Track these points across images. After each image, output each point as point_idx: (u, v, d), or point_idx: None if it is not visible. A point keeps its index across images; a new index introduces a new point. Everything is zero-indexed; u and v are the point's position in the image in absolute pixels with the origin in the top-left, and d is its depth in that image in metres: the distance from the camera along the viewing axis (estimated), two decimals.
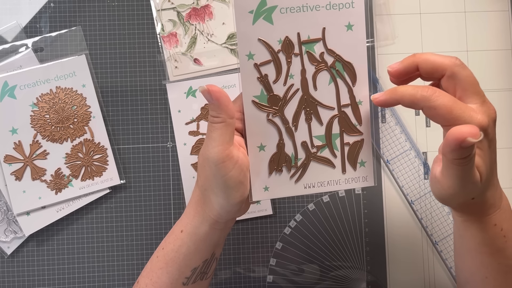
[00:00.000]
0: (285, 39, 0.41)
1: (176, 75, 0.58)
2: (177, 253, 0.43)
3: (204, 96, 0.39)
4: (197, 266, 0.43)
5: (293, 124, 0.42)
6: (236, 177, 0.39)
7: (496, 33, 0.62)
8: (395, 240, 0.60)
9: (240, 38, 0.40)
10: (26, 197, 0.56)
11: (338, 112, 0.42)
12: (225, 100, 0.39)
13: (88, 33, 0.59)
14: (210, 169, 0.39)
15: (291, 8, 0.40)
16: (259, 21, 0.40)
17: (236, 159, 0.39)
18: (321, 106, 0.42)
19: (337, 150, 0.43)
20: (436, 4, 0.62)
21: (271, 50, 0.41)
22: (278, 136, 0.42)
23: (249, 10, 0.40)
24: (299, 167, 0.43)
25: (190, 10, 0.59)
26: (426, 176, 0.60)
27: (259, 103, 0.41)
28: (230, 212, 0.41)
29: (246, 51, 0.40)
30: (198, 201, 0.42)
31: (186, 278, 0.43)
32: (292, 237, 0.59)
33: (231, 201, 0.40)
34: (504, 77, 0.62)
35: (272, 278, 0.59)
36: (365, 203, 0.60)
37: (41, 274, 0.57)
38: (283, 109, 0.42)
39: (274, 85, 0.41)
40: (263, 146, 0.42)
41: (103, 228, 0.58)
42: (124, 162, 0.58)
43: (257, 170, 0.42)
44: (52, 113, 0.56)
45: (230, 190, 0.39)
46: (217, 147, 0.38)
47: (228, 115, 0.39)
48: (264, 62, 0.41)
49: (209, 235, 0.42)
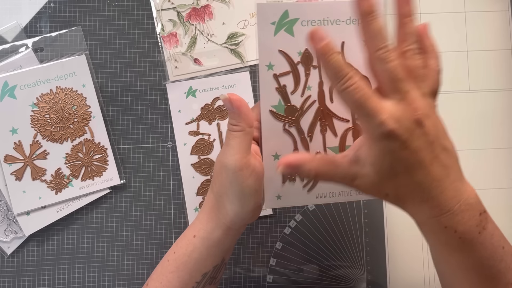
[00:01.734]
0: (304, 51, 0.41)
1: (176, 75, 0.58)
2: (189, 257, 0.43)
3: (225, 104, 0.40)
4: (208, 271, 0.43)
5: (308, 134, 0.43)
6: (252, 185, 0.40)
7: (496, 33, 0.62)
8: (395, 240, 0.60)
9: (261, 48, 0.41)
10: (26, 197, 0.56)
11: (352, 124, 0.43)
12: (246, 109, 0.40)
13: (88, 33, 0.59)
14: (227, 176, 0.40)
15: (312, 21, 0.41)
16: (280, 32, 0.40)
17: (253, 168, 0.40)
18: (336, 118, 0.43)
19: None
20: (436, 4, 0.62)
21: (290, 61, 0.41)
22: (293, 145, 0.43)
23: (271, 22, 0.40)
24: None
25: (190, 10, 0.59)
26: None
27: (277, 113, 0.42)
28: (244, 219, 0.42)
29: (267, 62, 0.41)
30: (212, 207, 0.43)
31: (196, 282, 0.43)
32: (292, 237, 0.59)
33: (245, 208, 0.41)
34: (504, 77, 0.62)
35: (272, 278, 0.59)
36: (365, 203, 0.60)
37: (41, 274, 0.57)
38: (299, 120, 0.42)
39: (292, 96, 0.42)
40: (278, 155, 0.42)
41: (103, 228, 0.58)
42: (124, 162, 0.58)
43: (271, 178, 0.42)
44: (52, 113, 0.56)
45: (245, 197, 0.40)
46: (235, 155, 0.39)
47: (248, 124, 0.40)
48: (283, 73, 0.41)
49: (221, 241, 0.42)
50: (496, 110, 0.62)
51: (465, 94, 0.62)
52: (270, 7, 0.40)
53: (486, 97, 0.62)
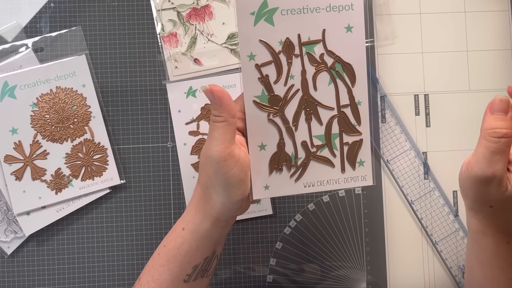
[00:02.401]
0: (285, 40, 0.41)
1: (176, 75, 0.58)
2: (179, 250, 0.43)
3: (206, 96, 0.40)
4: (198, 263, 0.43)
5: (293, 124, 0.43)
6: (237, 175, 0.40)
7: (496, 33, 0.62)
8: (395, 240, 0.60)
9: (242, 39, 0.41)
10: (26, 197, 0.56)
11: (337, 112, 0.43)
12: (227, 99, 0.40)
13: (88, 33, 0.59)
14: (211, 167, 0.40)
15: (291, 10, 0.41)
16: (260, 22, 0.40)
17: (238, 158, 0.40)
18: (321, 106, 0.43)
19: (336, 149, 0.43)
20: (436, 4, 0.62)
21: (272, 51, 0.41)
22: (279, 135, 0.42)
23: (250, 12, 0.40)
24: (299, 166, 0.43)
25: (190, 10, 0.59)
26: (426, 176, 0.60)
27: (260, 103, 0.42)
28: (231, 210, 0.42)
29: (248, 52, 0.41)
30: (200, 199, 0.43)
31: (187, 275, 0.43)
32: (292, 237, 0.59)
33: (232, 198, 0.41)
34: (504, 77, 0.62)
35: (272, 277, 0.59)
36: (365, 203, 0.60)
37: (41, 274, 0.57)
38: (283, 109, 0.42)
39: (275, 85, 0.42)
40: (264, 146, 0.42)
41: (103, 228, 0.58)
42: (124, 162, 0.58)
43: (257, 169, 0.42)
44: (52, 113, 0.56)
45: (231, 188, 0.40)
46: (219, 145, 0.39)
47: (230, 114, 0.40)
48: (265, 62, 0.41)
49: (210, 233, 0.43)
50: None
51: (465, 94, 0.62)
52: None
53: (486, 97, 0.62)
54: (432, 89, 0.61)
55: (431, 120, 0.61)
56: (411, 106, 0.61)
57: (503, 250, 0.39)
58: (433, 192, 0.60)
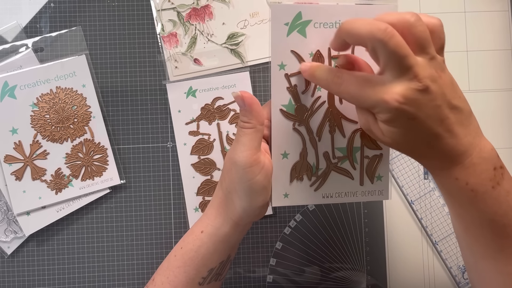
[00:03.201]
0: (316, 52, 0.42)
1: (176, 75, 0.58)
2: (196, 253, 0.43)
3: (237, 101, 0.41)
4: (214, 267, 0.44)
5: (317, 134, 0.43)
6: (261, 182, 0.40)
7: (496, 33, 0.62)
8: (395, 240, 0.60)
9: (274, 48, 0.41)
10: (26, 197, 0.56)
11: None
12: (257, 107, 0.40)
13: (88, 33, 0.59)
14: (237, 173, 0.40)
15: (324, 23, 0.41)
16: (293, 33, 0.41)
17: (263, 165, 0.40)
18: (345, 119, 0.43)
19: (356, 163, 0.44)
20: (436, 4, 0.62)
21: (302, 62, 0.42)
22: (302, 145, 0.43)
23: (284, 22, 0.41)
24: (319, 177, 0.44)
25: (190, 10, 0.59)
26: (426, 176, 0.60)
27: (287, 112, 0.43)
28: (251, 216, 0.42)
29: (279, 61, 0.41)
30: (221, 203, 0.43)
31: (202, 278, 0.44)
32: (292, 237, 0.59)
33: (254, 204, 0.41)
34: (504, 77, 0.62)
35: (272, 278, 0.59)
36: (365, 203, 0.60)
37: (41, 274, 0.57)
38: (308, 120, 0.43)
39: (302, 95, 0.43)
40: (287, 154, 0.43)
41: (103, 228, 0.58)
42: (124, 162, 0.58)
43: (279, 177, 0.43)
44: (52, 113, 0.56)
45: (254, 194, 0.41)
46: (245, 151, 0.40)
47: (259, 121, 0.40)
48: (294, 73, 0.42)
49: (228, 237, 0.43)
50: (496, 110, 0.62)
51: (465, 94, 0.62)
52: (284, 8, 0.40)
53: (486, 97, 0.62)
54: None
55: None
56: None
57: (454, 187, 0.37)
58: (433, 192, 0.60)
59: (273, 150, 0.43)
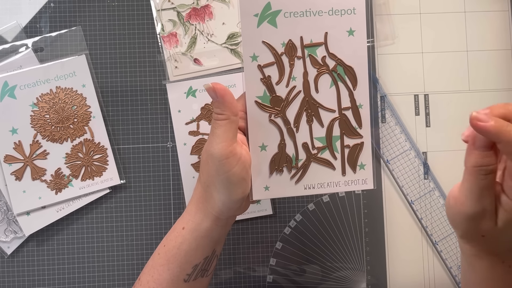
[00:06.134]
0: (288, 42, 0.42)
1: (176, 75, 0.58)
2: (179, 249, 0.43)
3: (209, 93, 0.40)
4: (198, 263, 0.44)
5: (295, 125, 0.43)
6: (239, 174, 0.40)
7: (496, 33, 0.62)
8: (395, 240, 0.60)
9: (245, 40, 0.41)
10: (26, 197, 0.56)
11: (339, 114, 0.43)
12: (230, 97, 0.40)
13: (88, 33, 0.59)
14: (213, 165, 0.40)
15: (295, 12, 0.41)
16: (263, 24, 0.41)
17: (239, 156, 0.40)
18: (322, 108, 0.43)
19: (337, 152, 0.44)
20: (436, 4, 0.62)
21: (274, 52, 0.42)
22: (280, 136, 0.43)
23: (254, 14, 0.41)
24: (299, 168, 0.43)
25: (190, 10, 0.59)
26: (426, 176, 0.60)
27: (262, 104, 0.42)
28: (231, 209, 0.42)
29: (250, 53, 0.41)
30: (200, 198, 0.43)
31: (187, 275, 0.43)
32: (292, 237, 0.59)
33: (233, 197, 0.41)
34: (504, 77, 0.62)
35: (272, 277, 0.59)
36: (365, 203, 0.60)
37: (41, 274, 0.57)
38: (285, 110, 0.42)
39: (277, 86, 0.42)
40: (265, 146, 0.43)
41: (103, 228, 0.58)
42: (124, 162, 0.58)
43: (258, 170, 0.42)
44: (52, 113, 0.56)
45: (232, 186, 0.40)
46: (221, 143, 0.39)
47: (232, 112, 0.40)
48: (267, 64, 0.42)
49: (210, 232, 0.43)
50: None
51: (465, 94, 0.62)
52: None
53: (486, 97, 0.62)
54: (432, 89, 0.61)
55: (431, 120, 0.61)
56: (411, 106, 0.61)
57: (498, 271, 0.39)
58: (433, 192, 0.60)
59: (250, 142, 0.42)
